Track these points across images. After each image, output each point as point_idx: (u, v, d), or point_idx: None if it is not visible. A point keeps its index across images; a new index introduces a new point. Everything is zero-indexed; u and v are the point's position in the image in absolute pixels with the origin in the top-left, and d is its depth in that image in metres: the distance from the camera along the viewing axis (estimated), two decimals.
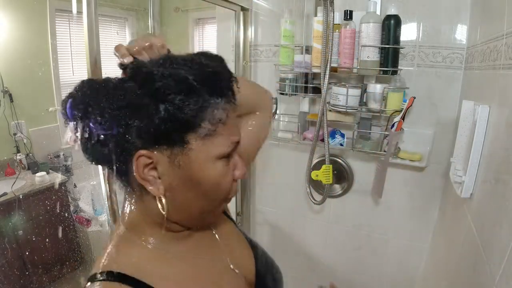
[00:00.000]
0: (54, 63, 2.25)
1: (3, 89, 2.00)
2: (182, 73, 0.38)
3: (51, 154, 2.30)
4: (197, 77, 0.39)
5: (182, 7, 2.85)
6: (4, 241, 1.83)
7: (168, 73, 0.38)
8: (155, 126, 0.38)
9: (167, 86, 0.38)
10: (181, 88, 0.38)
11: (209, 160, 0.42)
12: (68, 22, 2.30)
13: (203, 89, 0.39)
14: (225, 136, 0.42)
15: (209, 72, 0.40)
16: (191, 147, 0.40)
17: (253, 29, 1.35)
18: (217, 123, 0.41)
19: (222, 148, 0.42)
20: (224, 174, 0.44)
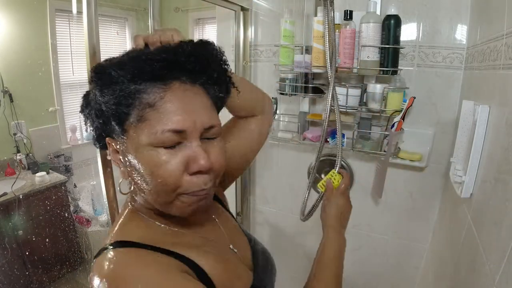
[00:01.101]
0: (54, 63, 2.25)
1: (3, 89, 2.00)
2: (101, 63, 0.43)
3: (51, 154, 2.30)
4: (123, 65, 0.40)
5: (182, 7, 2.85)
6: (4, 241, 1.83)
7: (94, 66, 0.43)
8: (99, 119, 0.44)
9: (92, 79, 0.43)
10: (100, 80, 0.42)
11: (142, 148, 0.41)
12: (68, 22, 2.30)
13: (124, 76, 0.40)
14: (159, 122, 0.40)
15: (138, 58, 0.41)
16: (129, 136, 0.42)
17: (253, 29, 1.35)
18: (144, 108, 0.40)
19: (152, 136, 0.40)
20: (162, 165, 0.40)
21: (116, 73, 0.40)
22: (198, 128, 0.42)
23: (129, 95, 0.40)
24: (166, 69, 0.41)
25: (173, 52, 0.42)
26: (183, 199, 0.43)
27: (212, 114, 0.45)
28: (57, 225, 2.10)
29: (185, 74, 0.43)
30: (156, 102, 0.40)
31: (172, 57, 0.41)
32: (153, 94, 0.40)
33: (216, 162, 0.44)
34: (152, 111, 0.40)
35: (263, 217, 1.58)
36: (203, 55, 0.44)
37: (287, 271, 1.58)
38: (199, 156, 0.41)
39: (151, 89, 0.41)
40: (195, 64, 0.43)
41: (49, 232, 2.04)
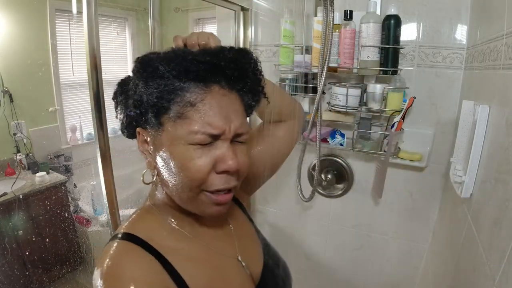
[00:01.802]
0: (54, 63, 2.25)
1: (3, 89, 2.00)
2: (148, 56, 0.44)
3: (51, 154, 2.30)
4: (167, 61, 0.42)
5: (182, 7, 2.85)
6: (4, 241, 1.83)
7: (140, 58, 0.44)
8: (136, 109, 0.45)
9: (137, 69, 0.44)
10: (146, 71, 0.43)
11: (178, 143, 0.43)
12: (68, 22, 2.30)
13: (170, 72, 0.42)
14: (198, 123, 0.42)
15: (185, 58, 0.42)
16: (164, 129, 0.44)
17: (253, 29, 1.35)
18: (185, 106, 0.42)
19: (191, 135, 0.42)
20: (190, 158, 0.42)
21: (163, 67, 0.41)
22: (231, 133, 0.44)
23: (172, 91, 0.42)
24: (209, 71, 0.43)
25: (216, 56, 0.44)
26: (203, 197, 0.45)
27: (244, 121, 0.46)
28: (57, 225, 2.10)
29: (224, 79, 0.45)
30: (197, 103, 0.42)
31: (215, 61, 0.43)
32: (195, 94, 0.42)
33: (243, 165, 0.46)
34: (193, 110, 0.42)
35: (263, 217, 1.58)
36: (242, 63, 0.46)
37: None
38: (228, 157, 0.44)
39: (193, 89, 0.42)
40: (234, 70, 0.45)
41: (49, 232, 2.04)
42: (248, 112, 0.51)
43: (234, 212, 0.62)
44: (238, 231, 0.59)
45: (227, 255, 0.54)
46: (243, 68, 0.46)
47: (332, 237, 1.43)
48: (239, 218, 0.62)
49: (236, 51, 0.47)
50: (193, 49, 0.47)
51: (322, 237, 1.45)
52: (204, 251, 0.51)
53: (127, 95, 0.48)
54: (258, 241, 0.63)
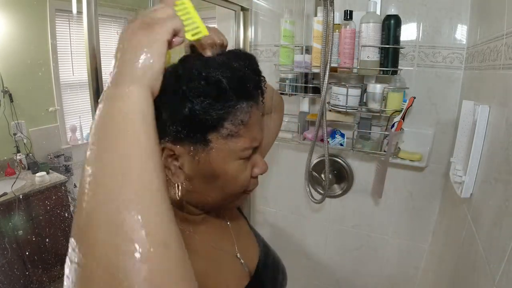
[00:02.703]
0: (54, 63, 2.25)
1: (3, 89, 2.00)
2: (215, 76, 0.39)
3: (51, 154, 2.30)
4: (228, 80, 0.40)
5: None
6: (4, 241, 1.83)
7: (204, 75, 0.39)
8: (179, 123, 0.40)
9: (198, 87, 0.39)
10: (211, 91, 0.39)
11: (229, 160, 0.44)
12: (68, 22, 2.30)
13: (231, 93, 0.40)
14: (246, 138, 0.44)
15: (239, 76, 0.41)
16: (212, 146, 0.42)
17: (253, 29, 1.35)
18: (239, 125, 0.42)
19: (242, 151, 0.44)
20: (241, 171, 0.46)
21: (228, 87, 0.40)
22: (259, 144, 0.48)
23: (231, 111, 0.41)
24: (255, 88, 0.45)
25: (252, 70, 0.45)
26: (243, 195, 0.51)
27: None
28: (57, 225, 2.10)
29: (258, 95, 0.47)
30: (247, 121, 0.43)
31: (253, 76, 0.45)
32: (246, 113, 0.43)
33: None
34: (244, 128, 0.43)
35: (263, 217, 1.58)
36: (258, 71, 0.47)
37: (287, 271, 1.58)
38: (261, 162, 0.49)
39: (246, 108, 0.43)
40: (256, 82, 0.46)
41: (49, 232, 2.04)
42: None
43: (229, 212, 0.63)
44: (236, 229, 0.60)
45: (226, 251, 0.55)
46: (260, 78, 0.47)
47: (332, 237, 1.43)
48: (235, 216, 0.64)
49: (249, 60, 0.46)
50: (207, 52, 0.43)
51: (322, 237, 1.45)
52: (203, 246, 0.52)
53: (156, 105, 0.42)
54: (254, 238, 0.64)
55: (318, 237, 1.46)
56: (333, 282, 1.48)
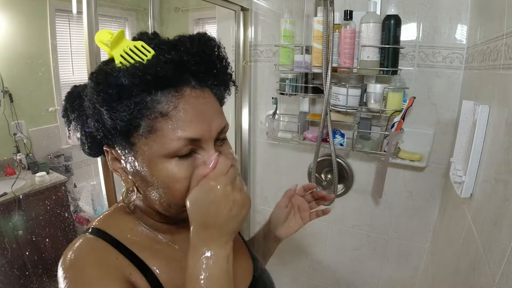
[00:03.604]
0: (54, 63, 2.25)
1: (3, 89, 2.00)
2: (114, 76, 0.36)
3: (51, 154, 2.30)
4: (130, 75, 0.36)
5: (182, 7, 2.85)
6: (4, 241, 1.83)
7: (102, 78, 0.37)
8: (105, 131, 0.40)
9: (100, 93, 0.37)
10: (112, 92, 0.36)
11: (156, 160, 0.39)
12: (68, 22, 2.30)
13: (134, 88, 0.36)
14: (173, 130, 0.38)
15: (146, 67, 0.37)
16: (137, 147, 0.40)
17: (253, 29, 1.35)
18: (158, 117, 0.38)
19: (166, 145, 0.38)
20: (178, 172, 0.39)
21: (129, 83, 0.36)
22: (212, 134, 0.41)
23: (143, 107, 0.37)
24: (178, 72, 0.39)
25: (178, 52, 0.39)
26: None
27: (222, 115, 0.44)
28: (57, 225, 2.10)
29: (193, 77, 0.41)
30: (169, 111, 0.38)
31: (181, 58, 0.39)
32: (167, 104, 0.38)
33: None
34: (164, 120, 0.38)
35: (263, 217, 1.58)
36: (207, 54, 0.41)
37: (287, 271, 1.58)
38: (212, 157, 0.41)
39: (165, 98, 0.38)
40: (201, 64, 0.41)
41: (49, 232, 2.04)
42: (222, 104, 0.48)
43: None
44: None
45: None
46: (210, 60, 0.42)
47: (332, 237, 1.43)
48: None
49: (198, 41, 0.41)
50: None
51: (322, 237, 1.45)
52: (181, 255, 0.47)
53: (80, 111, 0.43)
54: (247, 254, 0.60)
55: (318, 237, 1.46)
56: (333, 282, 1.48)
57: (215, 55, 0.43)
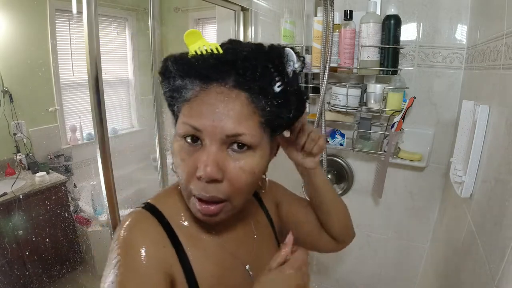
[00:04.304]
0: (54, 63, 2.25)
1: (3, 89, 2.00)
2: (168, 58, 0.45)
3: (51, 154, 2.30)
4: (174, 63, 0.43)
5: (182, 7, 2.85)
6: (4, 241, 1.83)
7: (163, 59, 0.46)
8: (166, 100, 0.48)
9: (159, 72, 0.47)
10: (163, 72, 0.46)
11: (175, 139, 0.44)
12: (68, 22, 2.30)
13: (176, 72, 0.43)
14: (184, 115, 0.43)
15: (192, 58, 0.43)
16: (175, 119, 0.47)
17: (253, 29, 1.35)
18: (183, 101, 0.43)
19: (178, 126, 0.43)
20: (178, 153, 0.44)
21: (172, 67, 0.43)
22: (218, 133, 0.41)
23: (176, 89, 0.44)
24: (212, 70, 0.41)
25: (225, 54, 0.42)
26: (192, 201, 0.45)
27: (241, 122, 0.41)
28: (57, 225, 2.10)
29: (230, 78, 0.42)
30: (191, 98, 0.42)
31: (223, 59, 0.42)
32: (192, 91, 0.42)
33: (234, 178, 0.42)
34: (186, 105, 0.43)
35: None
36: (255, 61, 0.42)
37: None
38: (203, 162, 0.41)
39: (191, 86, 0.43)
40: (245, 69, 0.41)
41: (49, 232, 2.03)
42: (275, 123, 0.45)
43: (261, 227, 0.60)
44: (261, 244, 0.57)
45: (239, 260, 0.53)
46: (254, 67, 0.41)
47: None
48: (266, 235, 0.61)
49: (252, 48, 0.43)
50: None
51: None
52: (219, 248, 0.51)
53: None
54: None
55: None
56: (333, 282, 1.48)
57: (262, 64, 0.42)
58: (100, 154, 0.73)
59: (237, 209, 0.46)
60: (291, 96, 0.44)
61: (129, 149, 2.78)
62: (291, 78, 0.44)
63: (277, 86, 0.43)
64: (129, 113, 3.01)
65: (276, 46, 0.45)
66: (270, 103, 0.43)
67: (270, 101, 0.43)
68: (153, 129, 1.06)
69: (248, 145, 0.42)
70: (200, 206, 0.43)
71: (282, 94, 0.43)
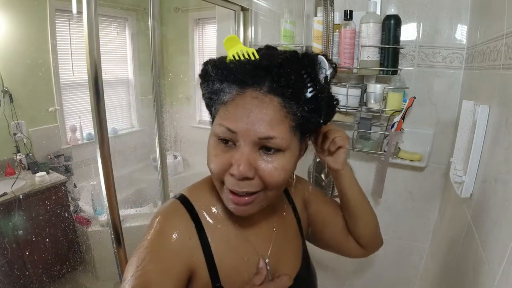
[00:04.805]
0: (54, 63, 2.25)
1: (3, 89, 2.00)
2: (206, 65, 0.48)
3: (51, 154, 2.30)
4: (213, 68, 0.46)
5: (182, 7, 2.85)
6: (4, 241, 1.83)
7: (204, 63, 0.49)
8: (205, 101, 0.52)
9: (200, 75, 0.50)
10: (203, 76, 0.49)
11: (211, 137, 0.47)
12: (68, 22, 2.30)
13: (214, 77, 0.46)
14: (222, 116, 0.45)
15: (227, 64, 0.45)
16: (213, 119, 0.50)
17: (253, 29, 1.35)
18: (220, 104, 0.46)
19: (215, 126, 0.46)
20: (215, 151, 0.46)
21: (212, 71, 0.46)
22: (251, 136, 0.43)
23: (214, 92, 0.47)
24: (248, 75, 0.44)
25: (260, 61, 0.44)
26: (225, 190, 0.48)
27: (273, 126, 0.43)
28: (57, 225, 2.10)
29: (265, 83, 0.44)
30: (228, 101, 0.45)
31: (260, 63, 0.44)
32: (229, 95, 0.45)
33: (266, 176, 0.45)
34: (223, 107, 0.45)
35: None
36: (289, 68, 0.43)
37: None
38: (236, 161, 0.44)
39: (228, 90, 0.45)
40: (280, 76, 0.43)
41: (49, 232, 2.04)
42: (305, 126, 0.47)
43: (286, 221, 0.62)
44: (280, 237, 0.59)
45: (259, 253, 0.55)
46: (288, 74, 0.43)
47: None
48: (290, 230, 0.62)
49: (286, 55, 0.45)
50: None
51: None
52: (241, 241, 0.54)
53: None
54: (299, 256, 0.62)
55: None
56: (332, 282, 1.48)
57: (295, 70, 0.44)
58: (100, 154, 0.73)
59: (269, 200, 0.49)
60: (322, 102, 0.47)
61: (129, 149, 2.79)
62: (322, 85, 0.46)
63: (309, 92, 0.45)
64: (129, 113, 3.01)
65: (310, 54, 0.47)
66: (302, 109, 0.45)
67: (301, 107, 0.45)
68: (153, 129, 1.06)
69: (279, 147, 0.44)
70: (233, 196, 0.47)
71: (314, 100, 0.45)
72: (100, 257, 2.11)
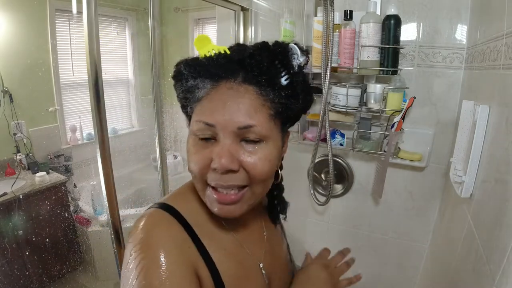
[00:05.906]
0: (54, 63, 2.25)
1: (3, 89, 2.00)
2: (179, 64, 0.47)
3: (51, 154, 2.30)
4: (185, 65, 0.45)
5: (182, 7, 2.85)
6: (4, 241, 1.83)
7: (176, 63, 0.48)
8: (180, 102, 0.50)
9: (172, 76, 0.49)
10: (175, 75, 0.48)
11: (190, 134, 0.46)
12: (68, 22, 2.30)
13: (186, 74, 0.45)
14: (199, 113, 0.44)
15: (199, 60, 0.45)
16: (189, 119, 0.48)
17: (253, 29, 1.35)
18: (194, 101, 0.45)
19: (192, 124, 0.45)
20: (191, 149, 0.45)
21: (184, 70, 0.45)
22: (229, 126, 0.42)
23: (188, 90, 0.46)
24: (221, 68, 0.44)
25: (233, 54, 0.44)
26: (208, 191, 0.45)
27: (251, 114, 0.42)
28: (57, 225, 2.10)
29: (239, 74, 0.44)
30: (203, 97, 0.44)
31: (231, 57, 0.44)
32: (203, 90, 0.44)
33: (251, 168, 0.43)
34: (198, 104, 0.45)
35: None
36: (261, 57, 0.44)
37: None
38: (219, 154, 0.42)
39: (202, 85, 0.44)
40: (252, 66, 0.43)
41: (49, 232, 2.04)
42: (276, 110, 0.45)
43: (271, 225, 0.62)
44: (271, 241, 0.59)
45: (253, 257, 0.54)
46: (260, 62, 0.43)
47: (332, 237, 1.43)
48: (275, 230, 0.63)
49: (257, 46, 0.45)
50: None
51: (322, 237, 1.45)
52: (237, 246, 0.52)
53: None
54: (288, 257, 0.64)
55: (318, 236, 1.46)
56: None
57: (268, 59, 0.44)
58: (100, 154, 0.73)
59: (257, 198, 0.47)
60: (298, 87, 0.46)
61: (129, 149, 2.79)
62: (296, 71, 0.46)
63: (284, 79, 0.45)
64: (129, 113, 3.01)
65: (280, 42, 0.46)
66: (278, 95, 0.45)
67: (278, 93, 0.45)
68: (153, 129, 1.06)
69: (260, 137, 0.43)
70: (217, 195, 0.44)
71: (289, 86, 0.45)
72: (100, 257, 2.11)
